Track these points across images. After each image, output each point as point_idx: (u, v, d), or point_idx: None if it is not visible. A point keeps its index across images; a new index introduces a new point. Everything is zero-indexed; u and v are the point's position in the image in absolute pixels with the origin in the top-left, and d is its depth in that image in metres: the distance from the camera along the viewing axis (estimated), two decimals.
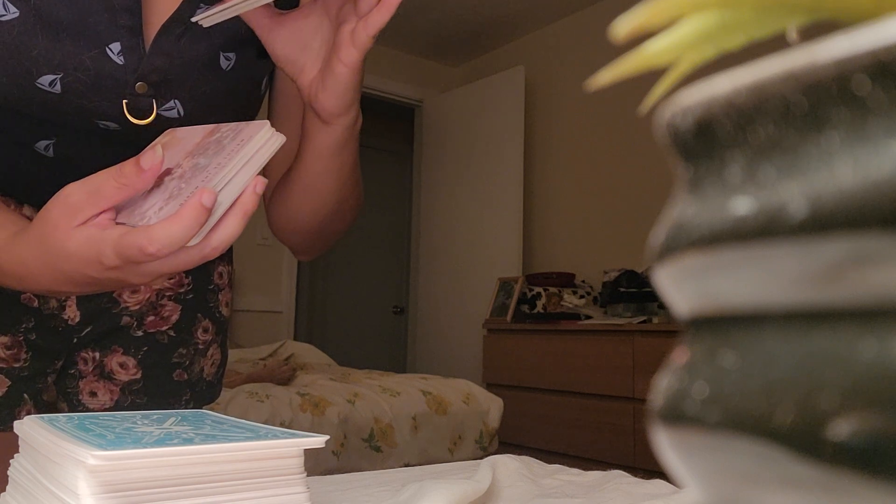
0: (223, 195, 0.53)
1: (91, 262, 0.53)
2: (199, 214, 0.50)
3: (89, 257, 0.53)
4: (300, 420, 2.30)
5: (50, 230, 0.54)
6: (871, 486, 0.10)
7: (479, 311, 3.83)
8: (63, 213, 0.53)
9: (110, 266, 0.53)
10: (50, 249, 0.54)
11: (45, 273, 0.56)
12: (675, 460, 0.14)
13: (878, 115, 0.11)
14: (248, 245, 3.91)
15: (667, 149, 0.15)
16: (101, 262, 0.53)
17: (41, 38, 0.62)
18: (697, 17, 0.15)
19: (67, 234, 0.53)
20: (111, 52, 0.65)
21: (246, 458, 0.45)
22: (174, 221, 0.50)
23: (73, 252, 0.53)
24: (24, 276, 0.58)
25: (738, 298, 0.13)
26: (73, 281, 0.56)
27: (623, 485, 0.69)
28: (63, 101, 0.65)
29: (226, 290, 0.92)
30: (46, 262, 0.55)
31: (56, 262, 0.54)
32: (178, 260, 0.53)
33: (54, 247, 0.54)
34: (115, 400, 0.84)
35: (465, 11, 3.99)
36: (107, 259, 0.52)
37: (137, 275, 0.54)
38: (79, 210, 0.53)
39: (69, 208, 0.53)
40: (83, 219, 0.53)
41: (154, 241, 0.50)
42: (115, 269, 0.53)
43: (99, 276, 0.54)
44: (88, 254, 0.53)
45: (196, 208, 0.50)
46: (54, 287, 0.57)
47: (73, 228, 0.53)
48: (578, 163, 3.81)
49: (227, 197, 0.53)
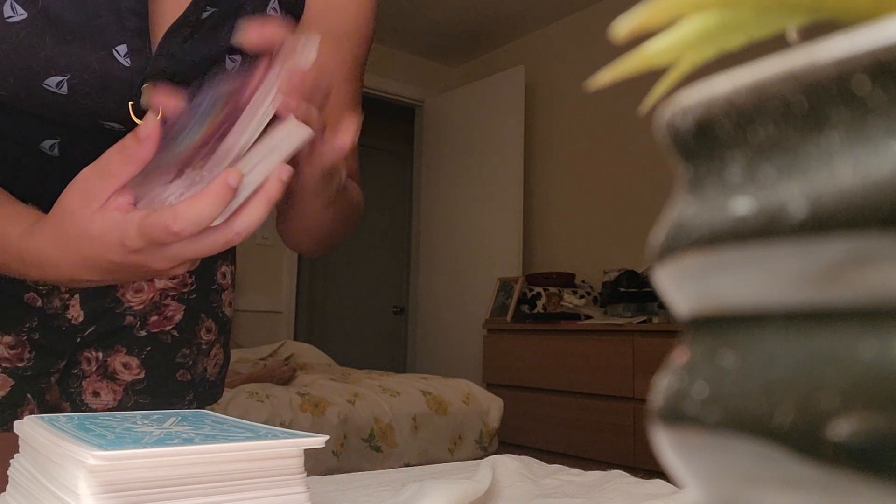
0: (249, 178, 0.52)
1: (114, 246, 0.53)
2: (225, 193, 0.50)
3: (112, 241, 0.52)
4: (300, 420, 2.30)
5: (69, 217, 0.54)
6: (871, 486, 0.10)
7: (479, 311, 3.83)
8: (78, 199, 0.53)
9: (133, 249, 0.52)
10: (71, 235, 0.54)
11: (65, 260, 0.56)
12: (675, 460, 0.14)
13: (878, 115, 0.11)
14: (248, 245, 3.91)
15: (667, 149, 0.15)
16: (125, 244, 0.52)
17: (48, 39, 0.62)
18: (697, 17, 0.15)
19: (90, 218, 0.53)
20: (118, 54, 0.65)
21: (246, 458, 0.45)
22: (199, 199, 0.50)
23: (97, 235, 0.53)
24: (44, 265, 0.57)
25: (738, 298, 0.13)
26: (94, 266, 0.55)
27: (623, 485, 0.69)
28: (69, 103, 0.66)
29: (229, 290, 0.92)
30: (68, 249, 0.55)
31: (78, 246, 0.54)
32: (202, 243, 0.52)
33: (75, 231, 0.54)
34: (118, 400, 0.84)
35: (465, 11, 3.99)
36: (130, 241, 0.52)
37: (160, 259, 0.53)
38: (92, 191, 0.53)
39: (83, 192, 0.53)
40: (100, 201, 0.53)
41: (179, 220, 0.49)
42: (138, 252, 0.53)
43: (121, 261, 0.54)
44: (112, 237, 0.52)
45: (222, 187, 0.50)
46: (75, 274, 0.57)
47: (94, 213, 0.53)
48: (578, 163, 3.81)
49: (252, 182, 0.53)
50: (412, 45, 4.44)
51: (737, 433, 0.12)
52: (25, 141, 0.71)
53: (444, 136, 4.41)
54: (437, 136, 4.46)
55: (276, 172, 0.53)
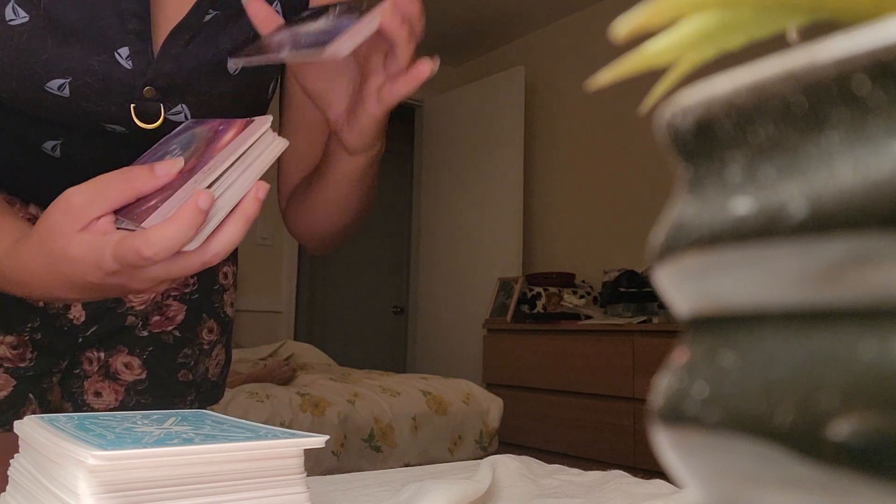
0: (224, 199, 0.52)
1: (91, 268, 0.53)
2: (195, 217, 0.50)
3: (90, 262, 0.52)
4: (300, 420, 2.30)
5: (52, 234, 0.54)
6: (871, 486, 0.10)
7: (479, 311, 3.83)
8: (64, 216, 0.53)
9: (110, 271, 0.52)
10: (52, 254, 0.54)
11: (47, 278, 0.56)
12: (675, 460, 0.14)
13: (878, 115, 0.11)
14: (248, 245, 3.91)
15: (667, 149, 0.15)
16: (101, 267, 0.52)
17: (50, 42, 0.63)
18: (697, 17, 0.15)
19: (70, 238, 0.53)
20: (120, 56, 0.65)
21: (246, 458, 0.45)
22: (170, 224, 0.50)
23: (75, 256, 0.53)
24: (26, 282, 0.57)
25: (738, 298, 0.13)
26: (74, 286, 0.55)
27: (623, 485, 0.69)
28: (71, 105, 0.66)
29: (230, 290, 0.92)
30: (49, 267, 0.55)
31: (58, 266, 0.54)
32: (178, 266, 0.53)
33: (56, 251, 0.54)
34: (119, 400, 0.84)
35: (465, 11, 3.99)
36: (106, 264, 0.52)
37: (138, 280, 0.54)
38: (81, 211, 0.53)
39: (71, 211, 0.53)
40: (86, 221, 0.53)
41: (150, 245, 0.49)
42: (115, 273, 0.53)
43: (99, 282, 0.54)
44: (89, 259, 0.52)
45: (192, 211, 0.50)
46: (57, 292, 0.57)
47: (76, 233, 0.53)
48: (578, 163, 3.81)
49: (228, 201, 0.53)
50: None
51: (737, 433, 0.12)
52: (27, 142, 0.71)
53: (444, 136, 4.41)
54: (437, 136, 4.46)
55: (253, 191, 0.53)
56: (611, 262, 3.42)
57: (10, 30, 0.62)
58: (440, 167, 4.40)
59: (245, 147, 0.53)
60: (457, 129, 4.31)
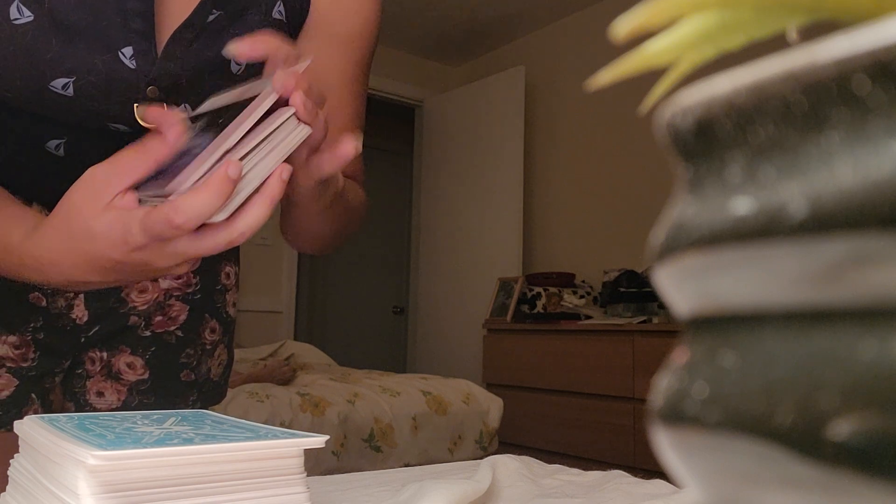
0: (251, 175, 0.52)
1: (117, 244, 0.53)
2: (225, 185, 0.50)
3: (115, 238, 0.52)
4: (300, 420, 2.30)
5: (74, 214, 0.54)
6: (871, 486, 0.10)
7: (479, 311, 3.83)
8: (87, 195, 0.53)
9: (136, 246, 0.52)
10: (74, 233, 0.54)
11: (67, 259, 0.55)
12: (675, 460, 0.14)
13: (878, 115, 0.11)
14: (248, 245, 3.91)
15: (667, 149, 0.15)
16: (128, 241, 0.52)
17: (54, 41, 0.63)
18: (697, 17, 0.15)
19: (94, 215, 0.53)
20: (123, 56, 0.65)
21: (246, 458, 0.45)
22: (200, 191, 0.50)
23: (99, 233, 0.53)
24: (45, 267, 0.57)
25: (738, 298, 0.13)
26: (96, 266, 0.55)
27: (623, 485, 0.69)
28: (75, 104, 0.66)
29: (233, 290, 0.92)
30: (70, 247, 0.55)
31: (80, 245, 0.54)
32: (205, 242, 0.52)
33: (79, 229, 0.54)
34: (122, 400, 0.84)
35: (466, 11, 3.99)
36: (133, 238, 0.52)
37: (163, 256, 0.53)
38: (103, 187, 0.53)
39: (94, 188, 0.53)
40: (109, 197, 0.53)
41: (180, 212, 0.49)
42: (141, 249, 0.52)
43: (124, 259, 0.54)
44: (114, 234, 0.52)
45: (222, 179, 0.50)
46: (76, 275, 0.56)
47: (101, 210, 0.53)
48: (578, 163, 3.81)
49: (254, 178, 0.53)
50: (412, 45, 4.44)
51: (737, 433, 0.12)
52: (31, 141, 0.71)
53: (444, 136, 4.41)
54: (437, 136, 4.46)
55: (277, 171, 0.53)
56: (611, 262, 3.43)
57: (15, 29, 0.62)
58: (440, 167, 4.40)
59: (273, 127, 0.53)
60: (457, 129, 4.31)
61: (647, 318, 2.90)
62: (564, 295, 3.38)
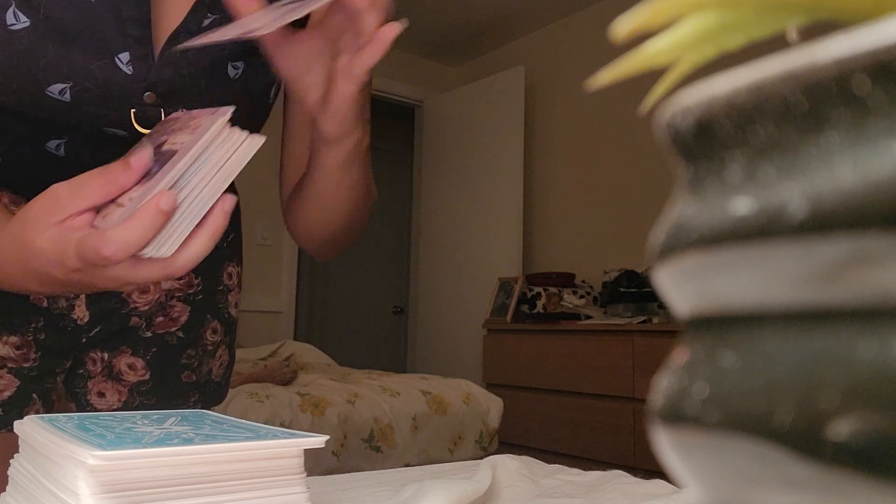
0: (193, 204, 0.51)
1: (55, 263, 0.53)
2: (156, 218, 0.49)
3: (54, 258, 0.52)
4: (300, 420, 2.30)
5: (29, 226, 0.54)
6: (871, 486, 0.10)
7: (479, 311, 3.83)
8: (45, 208, 0.53)
9: (73, 268, 0.52)
10: (23, 245, 0.54)
11: (17, 269, 0.56)
12: (675, 460, 0.14)
13: (878, 115, 0.11)
14: (248, 245, 3.88)
15: (667, 149, 0.15)
16: (64, 263, 0.52)
17: (51, 47, 0.63)
18: (697, 17, 0.15)
19: (42, 230, 0.53)
20: (120, 62, 0.65)
21: (246, 458, 0.45)
22: (130, 224, 0.49)
23: (41, 250, 0.53)
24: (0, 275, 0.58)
25: (738, 298, 0.13)
26: (42, 280, 0.55)
27: (623, 485, 0.69)
28: (72, 109, 0.66)
29: (235, 290, 0.92)
30: (19, 259, 0.55)
31: (27, 259, 0.54)
32: (141, 272, 0.52)
33: (27, 242, 0.54)
34: (123, 401, 0.84)
35: (465, 11, 3.99)
36: (69, 260, 0.52)
37: (102, 279, 0.53)
38: (58, 204, 0.53)
39: (52, 203, 0.53)
40: (64, 215, 0.52)
41: (109, 244, 0.49)
42: (78, 271, 0.52)
43: (63, 278, 0.54)
44: (53, 254, 0.52)
45: (152, 212, 0.49)
46: (26, 285, 0.57)
47: (50, 225, 0.52)
48: (578, 163, 3.81)
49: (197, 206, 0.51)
50: (412, 45, 4.44)
51: (737, 433, 0.12)
52: (31, 141, 0.71)
53: (444, 137, 4.40)
54: (437, 137, 4.46)
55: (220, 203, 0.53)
56: (611, 262, 3.42)
57: (11, 34, 0.62)
58: (440, 167, 4.40)
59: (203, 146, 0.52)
60: (457, 129, 4.31)
61: (647, 318, 2.90)
62: (564, 295, 3.38)
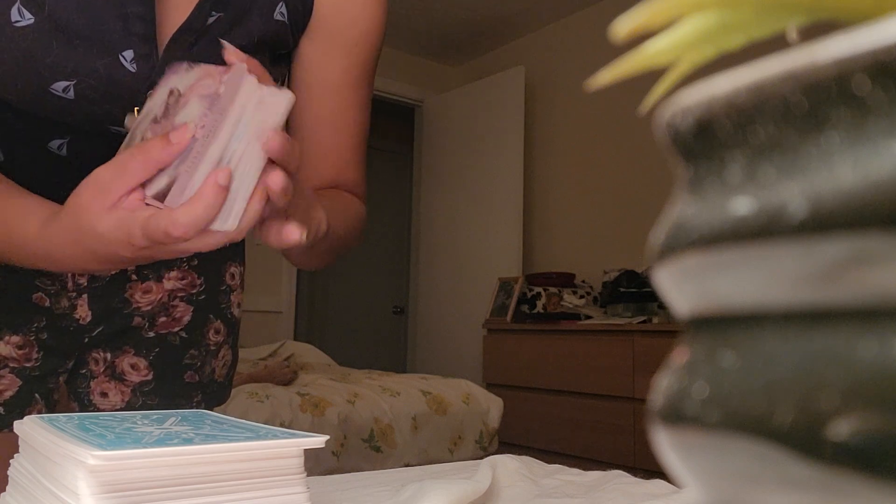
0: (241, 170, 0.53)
1: (122, 244, 0.55)
2: (218, 194, 0.51)
3: (120, 239, 0.54)
4: (300, 420, 2.30)
5: (82, 213, 0.55)
6: (871, 486, 0.10)
7: (479, 311, 3.83)
8: (93, 195, 0.55)
9: (140, 247, 0.54)
10: (82, 232, 0.56)
11: (77, 254, 0.58)
12: (675, 460, 0.14)
13: (878, 115, 0.11)
14: (248, 245, 3.90)
15: (667, 149, 0.15)
16: (132, 243, 0.54)
17: (55, 44, 0.63)
18: (697, 17, 0.15)
19: (99, 216, 0.54)
20: (124, 59, 0.65)
21: (246, 458, 0.45)
22: (195, 203, 0.51)
23: (104, 233, 0.54)
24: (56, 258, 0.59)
25: (738, 298, 0.13)
26: (107, 260, 0.58)
27: (623, 485, 0.69)
28: (76, 107, 0.66)
29: (237, 291, 0.92)
30: (79, 244, 0.57)
31: (88, 243, 0.56)
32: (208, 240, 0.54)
33: (86, 229, 0.55)
34: (125, 401, 0.84)
35: (465, 11, 3.99)
36: (136, 240, 0.54)
37: (168, 252, 0.56)
38: (107, 189, 0.54)
39: (98, 189, 0.54)
40: (113, 199, 0.54)
41: (179, 226, 0.51)
42: (146, 248, 0.55)
43: (130, 255, 0.56)
44: (119, 235, 0.54)
45: (214, 189, 0.51)
46: (87, 267, 0.59)
47: (105, 211, 0.54)
48: (578, 163, 3.81)
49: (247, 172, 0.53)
50: (412, 45, 4.44)
51: (737, 433, 0.12)
52: (33, 141, 0.71)
53: (444, 136, 4.40)
54: (437, 136, 4.46)
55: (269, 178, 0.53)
56: (611, 262, 3.42)
57: (16, 31, 0.62)
58: (440, 167, 4.40)
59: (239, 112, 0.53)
60: (457, 129, 4.31)
61: (647, 318, 2.90)
62: (564, 295, 3.38)
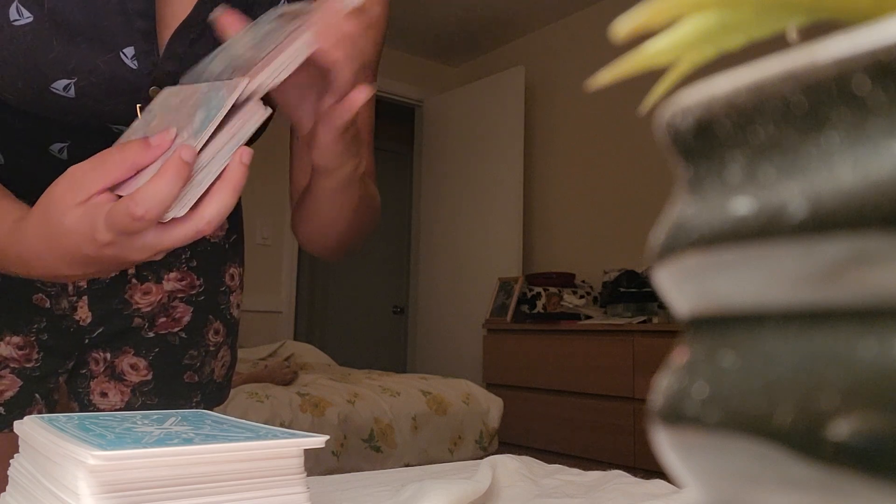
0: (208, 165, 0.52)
1: (87, 239, 0.53)
2: (180, 169, 0.50)
3: (84, 233, 0.52)
4: (300, 420, 2.30)
5: (52, 208, 0.54)
6: (871, 486, 0.10)
7: (479, 311, 3.83)
8: (67, 188, 0.53)
9: (104, 242, 0.52)
10: (51, 227, 0.54)
11: (46, 253, 0.56)
12: (675, 460, 0.14)
13: (878, 115, 0.11)
14: (248, 245, 3.88)
15: (667, 149, 0.15)
16: (95, 238, 0.52)
17: (55, 42, 0.62)
18: (697, 17, 0.15)
19: (68, 210, 0.53)
20: (125, 56, 0.65)
21: (246, 458, 0.45)
22: (156, 179, 0.50)
23: (70, 228, 0.53)
24: (29, 260, 0.57)
25: (738, 298, 0.13)
26: (73, 261, 0.55)
27: (623, 485, 0.69)
28: (77, 105, 0.65)
29: (237, 291, 0.92)
30: (48, 241, 0.55)
31: (56, 239, 0.54)
32: (172, 234, 0.52)
33: (54, 224, 0.54)
34: (125, 401, 0.84)
35: (465, 11, 3.99)
36: (99, 234, 0.52)
37: (134, 250, 0.53)
38: (79, 182, 0.53)
39: (73, 182, 0.53)
40: (86, 195, 0.53)
41: (140, 202, 0.49)
42: (110, 244, 0.52)
43: (95, 255, 0.54)
44: (83, 229, 0.52)
45: (177, 163, 0.50)
46: (58, 269, 0.57)
47: (75, 205, 0.53)
48: (578, 163, 3.81)
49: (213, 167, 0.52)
50: (412, 45, 4.44)
51: (737, 433, 0.12)
52: (34, 144, 0.71)
53: (444, 136, 4.40)
54: (437, 137, 4.46)
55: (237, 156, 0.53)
56: (611, 262, 3.42)
57: (15, 30, 0.62)
58: (440, 167, 4.40)
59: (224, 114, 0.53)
60: (457, 129, 4.31)
61: (647, 318, 2.90)
62: (564, 295, 3.38)
